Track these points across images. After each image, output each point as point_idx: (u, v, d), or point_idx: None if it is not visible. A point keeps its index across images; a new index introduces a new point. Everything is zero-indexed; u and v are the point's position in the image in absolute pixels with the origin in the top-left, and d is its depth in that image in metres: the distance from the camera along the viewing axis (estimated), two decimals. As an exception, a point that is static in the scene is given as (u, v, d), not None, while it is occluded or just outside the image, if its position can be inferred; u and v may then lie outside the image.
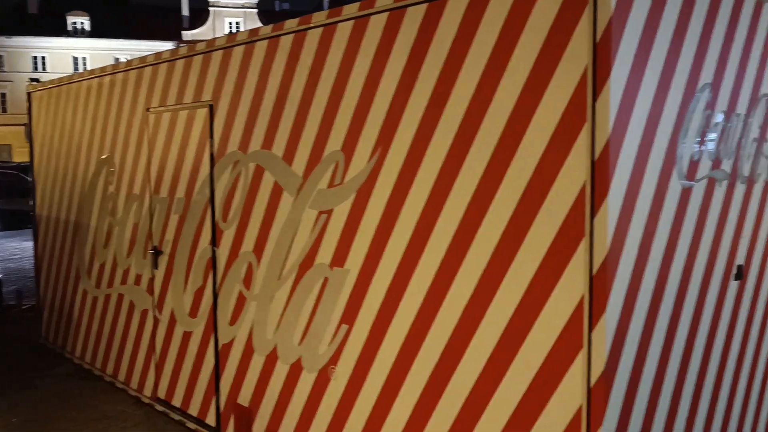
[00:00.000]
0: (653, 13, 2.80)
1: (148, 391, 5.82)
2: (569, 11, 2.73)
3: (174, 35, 61.12)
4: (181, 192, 5.23)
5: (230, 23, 63.18)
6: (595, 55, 2.65)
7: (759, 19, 3.51)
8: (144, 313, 5.80)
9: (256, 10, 63.89)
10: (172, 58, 5.31)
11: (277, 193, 4.28)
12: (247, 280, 4.56)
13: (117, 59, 54.39)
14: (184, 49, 5.23)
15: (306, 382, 4.13)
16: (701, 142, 3.15)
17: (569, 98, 2.75)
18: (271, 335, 4.37)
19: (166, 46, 54.65)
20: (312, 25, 4.00)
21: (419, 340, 3.43)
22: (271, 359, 4.38)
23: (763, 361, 3.83)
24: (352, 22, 3.74)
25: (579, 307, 2.75)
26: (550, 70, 2.81)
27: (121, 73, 6.00)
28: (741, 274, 3.54)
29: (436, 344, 3.34)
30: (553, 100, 2.81)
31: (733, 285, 3.51)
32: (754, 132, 3.57)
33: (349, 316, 3.81)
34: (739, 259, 3.54)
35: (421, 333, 3.42)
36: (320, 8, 54.40)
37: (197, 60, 5.01)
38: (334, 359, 3.92)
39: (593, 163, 2.68)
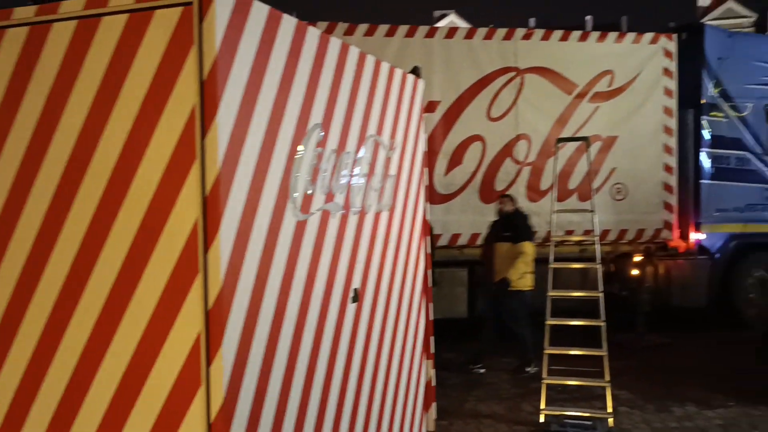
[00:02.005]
0: (261, 57, 2.96)
1: None
2: (176, 49, 2.74)
3: None
4: None
5: None
6: (202, 94, 2.70)
7: (363, 69, 3.96)
8: None
9: None
10: None
11: None
12: None
13: None
14: None
15: None
16: (314, 178, 3.41)
17: (179, 135, 2.74)
18: None
19: None
20: None
21: (35, 385, 3.06)
22: None
23: (381, 378, 4.25)
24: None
25: (196, 344, 2.74)
26: (160, 106, 2.78)
27: None
28: (357, 297, 3.91)
29: (54, 389, 3.02)
30: (165, 136, 2.78)
31: (351, 307, 3.85)
32: (364, 168, 4.00)
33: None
34: (356, 283, 3.90)
35: (36, 378, 3.06)
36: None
37: None
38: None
39: (204, 199, 2.71)
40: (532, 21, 58.12)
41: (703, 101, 9.59)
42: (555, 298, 6.59)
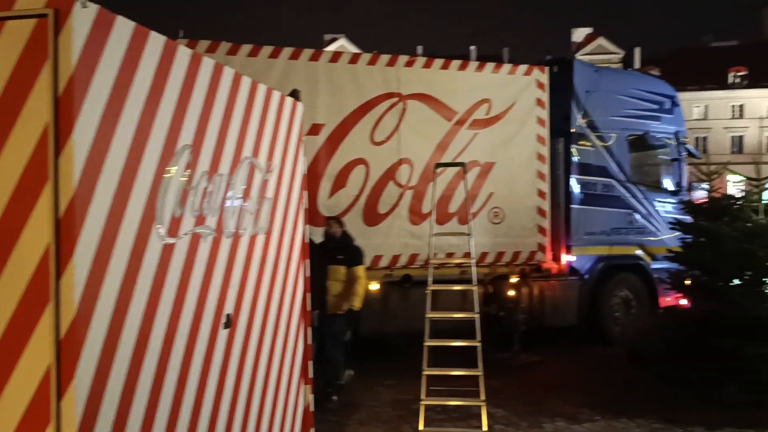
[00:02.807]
0: (124, 74, 2.84)
1: None
2: (29, 64, 2.58)
3: None
4: None
5: None
6: (57, 110, 2.55)
7: (238, 90, 3.90)
8: None
9: None
10: None
11: None
12: None
13: None
14: None
15: None
16: (183, 200, 3.30)
17: (30, 154, 2.58)
18: None
19: None
20: None
21: None
22: None
23: (255, 406, 4.15)
24: None
25: (46, 377, 2.56)
26: (9, 123, 2.60)
27: None
28: (230, 323, 3.80)
29: None
30: (14, 155, 2.60)
31: (223, 333, 3.74)
32: (238, 190, 3.92)
33: None
34: (228, 308, 3.80)
35: None
36: None
37: None
38: None
39: (57, 222, 2.55)
40: (419, 48, 59.82)
41: (572, 131, 10.19)
42: (434, 319, 6.73)
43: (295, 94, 4.97)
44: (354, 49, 50.88)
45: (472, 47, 61.50)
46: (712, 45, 66.00)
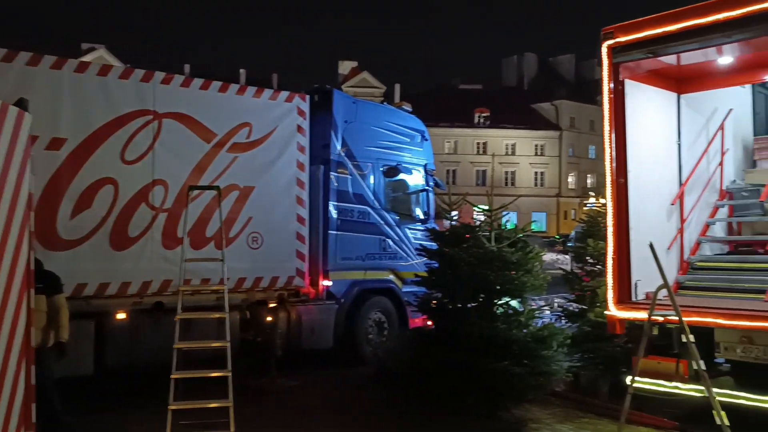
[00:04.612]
0: None
1: None
2: None
3: None
4: None
5: None
6: None
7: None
8: None
9: None
10: None
11: None
12: None
13: None
14: None
15: None
16: None
17: None
18: None
19: None
20: None
21: None
22: None
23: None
24: None
25: None
26: None
27: None
28: None
29: None
30: None
31: None
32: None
33: None
34: None
35: None
36: None
37: None
38: None
39: None
40: (187, 67, 58.07)
41: (331, 158, 10.50)
42: (187, 349, 6.43)
43: (22, 104, 4.48)
44: (114, 62, 47.90)
45: (242, 70, 61.27)
46: (460, 87, 73.14)
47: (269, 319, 9.47)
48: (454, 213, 9.21)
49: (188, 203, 7.28)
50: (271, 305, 9.62)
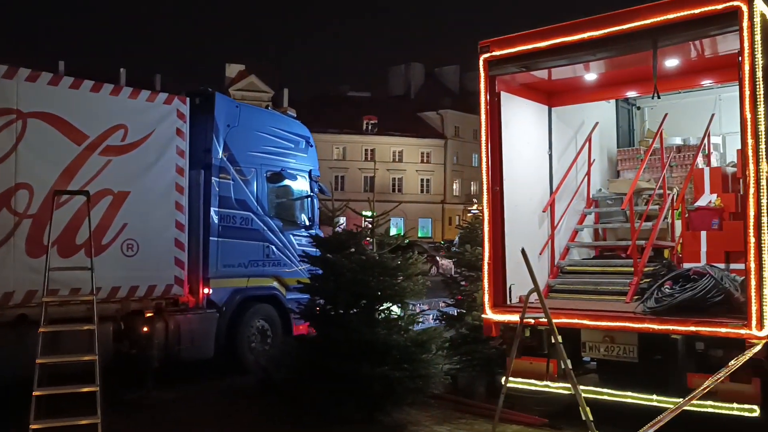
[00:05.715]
0: None
1: None
2: None
3: None
4: None
5: None
6: None
7: None
8: None
9: None
10: None
11: None
12: None
13: None
14: None
15: None
16: None
17: None
18: None
19: None
20: None
21: None
22: None
23: None
24: None
25: None
26: None
27: None
28: None
29: None
30: None
31: None
32: None
33: None
34: None
35: None
36: None
37: None
38: None
39: None
40: (61, 64, 54.83)
41: (213, 163, 10.23)
42: (53, 364, 6.05)
43: None
44: (-22, 55, 44.46)
45: (123, 69, 58.56)
46: (349, 94, 73.60)
47: (145, 329, 9.09)
48: (342, 219, 9.24)
49: (54, 209, 6.85)
50: (148, 315, 9.24)
